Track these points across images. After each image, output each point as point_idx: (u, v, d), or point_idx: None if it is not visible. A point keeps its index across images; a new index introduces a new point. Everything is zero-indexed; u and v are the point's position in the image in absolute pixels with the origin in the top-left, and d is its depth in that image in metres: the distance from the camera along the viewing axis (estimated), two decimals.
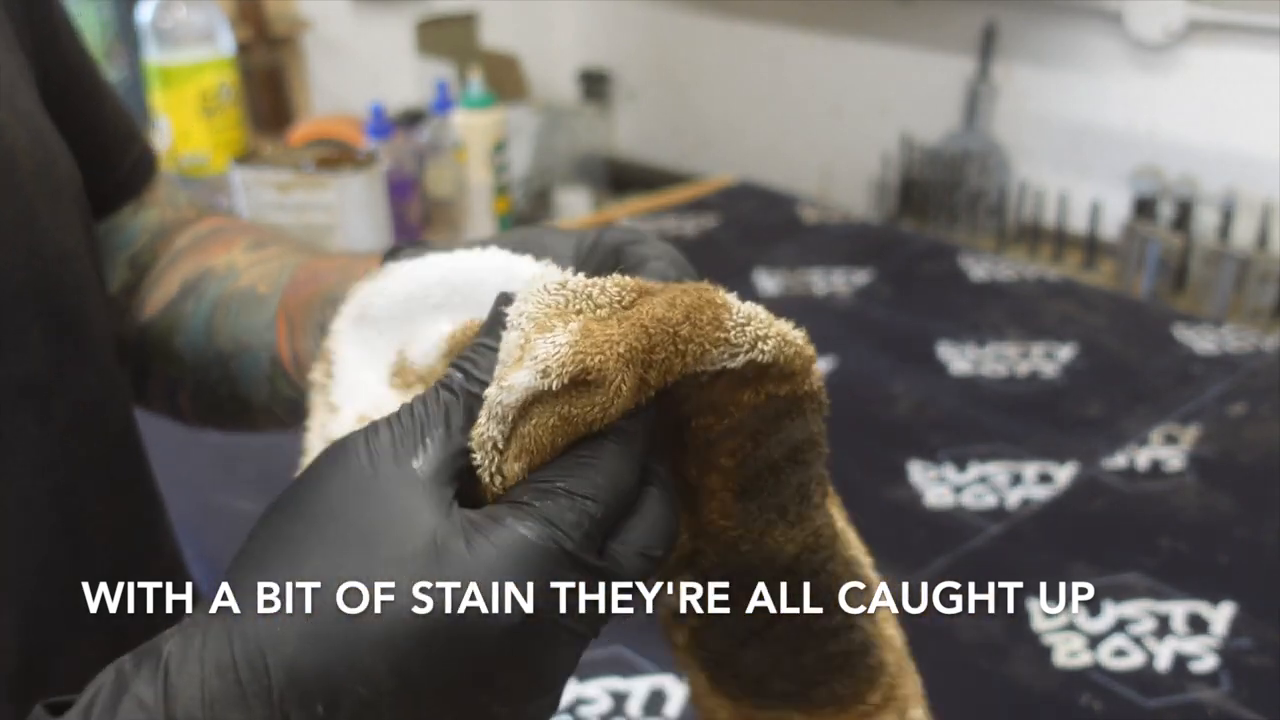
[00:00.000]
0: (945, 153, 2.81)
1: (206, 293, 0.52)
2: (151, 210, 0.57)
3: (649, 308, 0.30)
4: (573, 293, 0.30)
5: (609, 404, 0.29)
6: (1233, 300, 2.33)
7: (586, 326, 0.29)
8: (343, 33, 3.03)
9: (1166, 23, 2.40)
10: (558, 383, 0.28)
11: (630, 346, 0.29)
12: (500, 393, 0.29)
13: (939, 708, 0.73)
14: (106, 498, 0.46)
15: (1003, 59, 2.74)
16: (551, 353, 0.29)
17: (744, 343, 0.31)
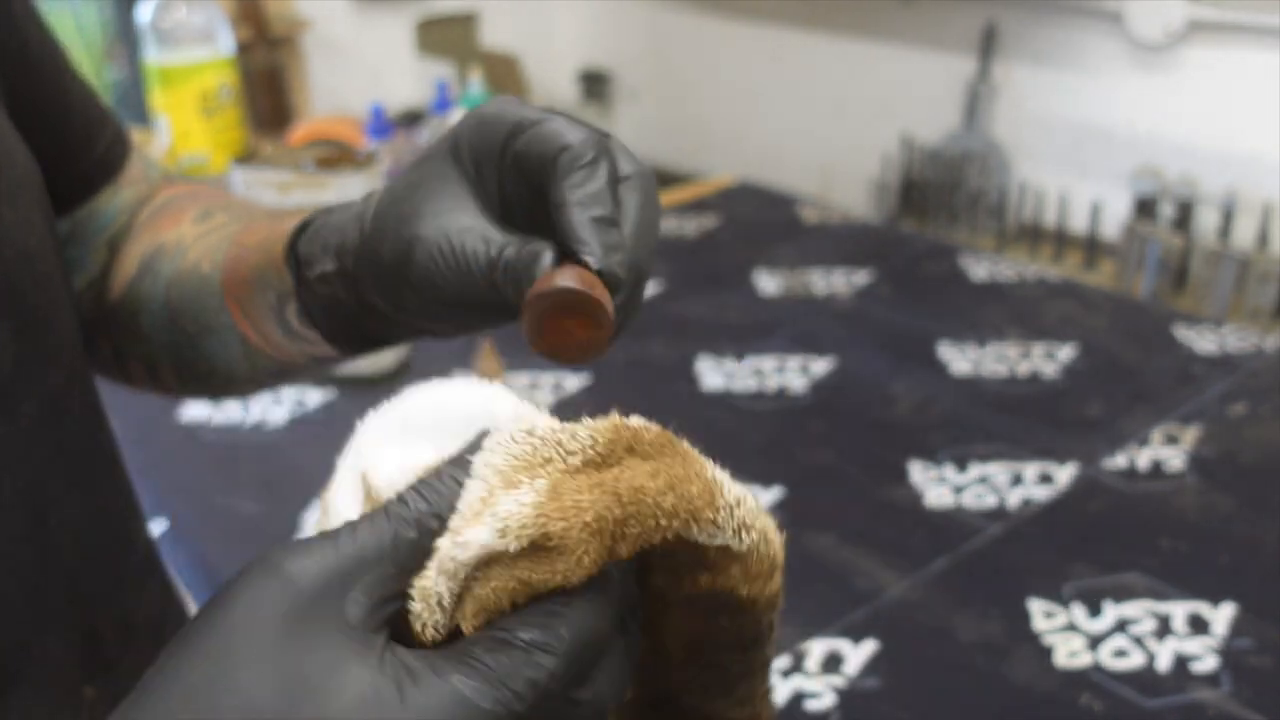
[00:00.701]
0: (945, 153, 2.81)
1: (161, 271, 0.52)
2: (127, 191, 0.57)
3: (629, 474, 0.28)
4: (541, 441, 0.28)
5: (570, 573, 0.27)
6: (1233, 300, 2.33)
7: (555, 486, 0.27)
8: (343, 33, 3.03)
9: (1166, 23, 2.40)
10: (516, 545, 0.27)
11: (599, 516, 0.27)
12: (454, 548, 0.27)
13: (939, 708, 0.73)
14: (75, 494, 0.46)
15: (1003, 59, 2.74)
16: (513, 512, 0.27)
17: (729, 527, 0.29)
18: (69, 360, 0.47)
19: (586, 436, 0.29)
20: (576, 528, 0.27)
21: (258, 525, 0.90)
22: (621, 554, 0.27)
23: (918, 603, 0.81)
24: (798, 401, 1.10)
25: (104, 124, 0.56)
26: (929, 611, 0.80)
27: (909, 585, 0.83)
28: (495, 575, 0.27)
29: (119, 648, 0.48)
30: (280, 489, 0.95)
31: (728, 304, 1.33)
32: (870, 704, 0.72)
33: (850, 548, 0.87)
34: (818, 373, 1.16)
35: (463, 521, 0.28)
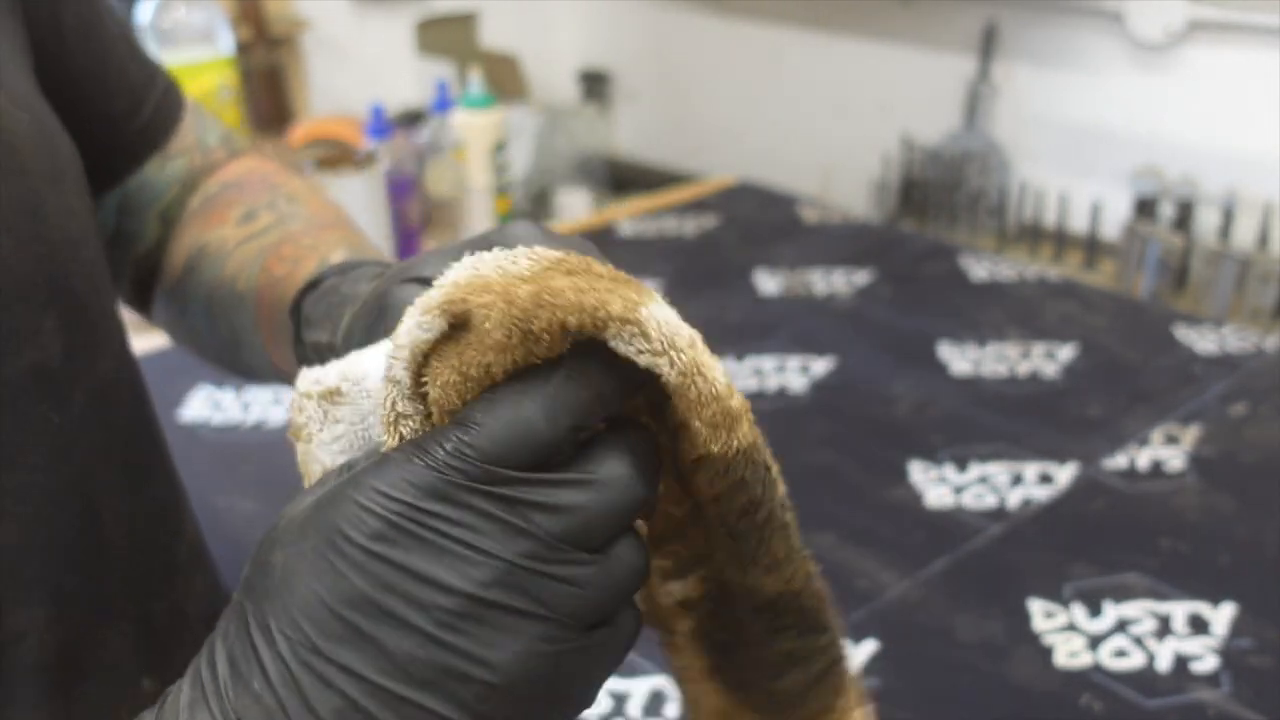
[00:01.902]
0: (945, 153, 2.81)
1: (203, 275, 0.53)
2: (179, 160, 0.57)
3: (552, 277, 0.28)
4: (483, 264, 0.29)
5: (485, 341, 0.27)
6: (1233, 300, 2.33)
7: (474, 277, 0.28)
8: (342, 33, 3.03)
9: (1166, 23, 2.40)
10: (430, 322, 0.28)
11: (507, 289, 0.28)
12: (389, 347, 0.29)
13: (939, 708, 0.73)
14: (125, 483, 0.46)
15: (1003, 59, 2.73)
16: (428, 297, 0.28)
17: (656, 340, 0.28)
18: (116, 349, 0.47)
19: (526, 263, 0.29)
20: (477, 292, 0.28)
21: (258, 525, 0.90)
22: (539, 337, 0.27)
23: (918, 603, 0.81)
24: (798, 401, 1.10)
25: (149, 89, 0.55)
26: (929, 611, 0.80)
27: (909, 585, 0.83)
28: (436, 372, 0.28)
29: (174, 638, 0.48)
30: (280, 489, 0.95)
31: (728, 304, 1.33)
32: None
33: (850, 548, 0.87)
34: (818, 373, 1.16)
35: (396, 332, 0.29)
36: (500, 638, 0.27)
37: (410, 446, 0.28)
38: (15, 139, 0.41)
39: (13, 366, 0.39)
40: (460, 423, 0.28)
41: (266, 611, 0.27)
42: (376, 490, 0.27)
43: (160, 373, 1.14)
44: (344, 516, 0.27)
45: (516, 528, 0.27)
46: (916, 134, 2.87)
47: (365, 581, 0.27)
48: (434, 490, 0.27)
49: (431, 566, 0.26)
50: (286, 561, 0.28)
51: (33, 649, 0.40)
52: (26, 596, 0.40)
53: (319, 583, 0.27)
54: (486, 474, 0.27)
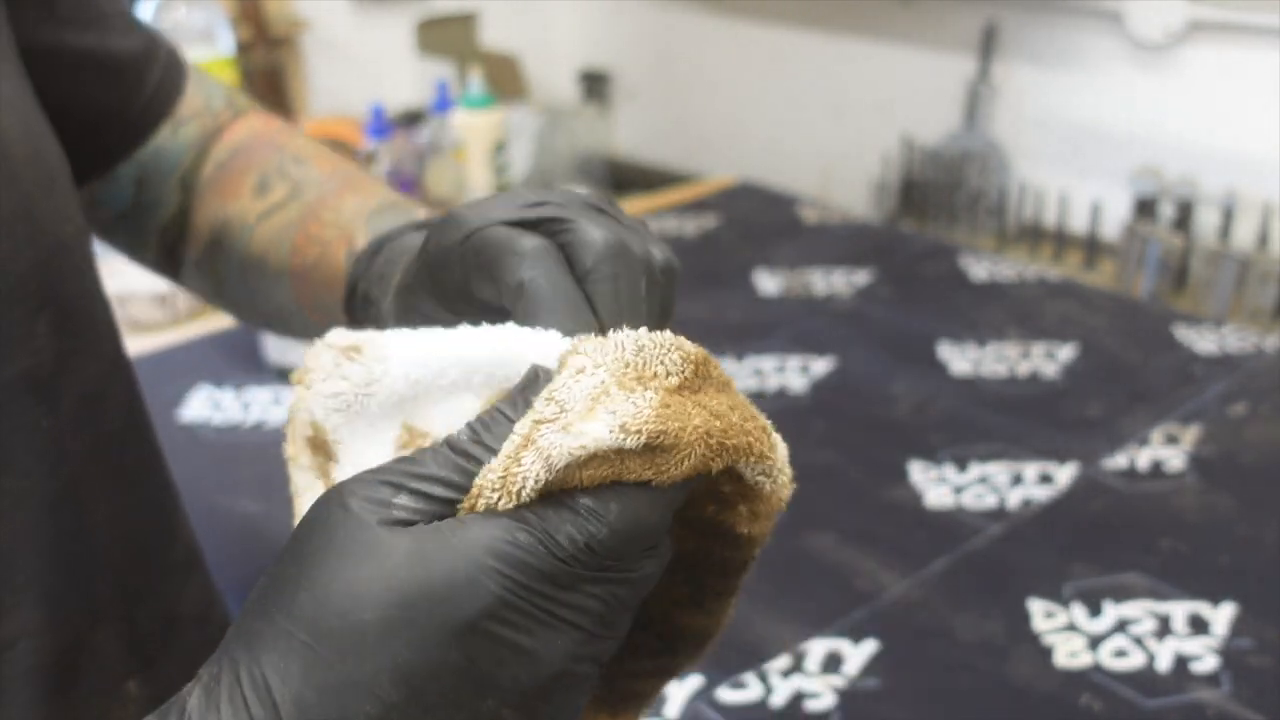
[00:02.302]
0: (945, 153, 2.81)
1: (232, 251, 0.53)
2: (190, 125, 0.57)
3: (715, 402, 0.30)
4: (650, 357, 0.30)
5: (668, 470, 0.29)
6: (1233, 300, 2.33)
7: (665, 397, 0.29)
8: (342, 33, 3.03)
9: (1166, 23, 2.40)
10: (634, 442, 0.28)
11: (707, 424, 0.29)
12: (565, 437, 0.28)
13: (939, 708, 0.73)
14: (117, 485, 0.46)
15: (1003, 59, 2.73)
16: (633, 412, 0.28)
17: (777, 471, 0.32)
18: (109, 353, 0.47)
19: (679, 361, 0.30)
20: (689, 430, 0.29)
21: (258, 525, 0.90)
22: (712, 470, 0.29)
23: (918, 603, 0.81)
24: (798, 401, 1.10)
25: (151, 59, 0.55)
26: (929, 611, 0.80)
27: (909, 585, 0.83)
28: (591, 466, 0.28)
29: (162, 642, 0.48)
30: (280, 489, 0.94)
31: (728, 304, 1.33)
32: (870, 704, 0.72)
33: (850, 548, 0.87)
34: (818, 373, 1.16)
35: (568, 415, 0.29)
36: (571, 698, 0.29)
37: (536, 528, 0.28)
38: (7, 144, 0.41)
39: (4, 371, 0.39)
40: (590, 513, 0.28)
41: (357, 669, 0.27)
42: (496, 570, 0.27)
43: (160, 373, 1.14)
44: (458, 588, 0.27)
45: (605, 602, 0.29)
46: (916, 134, 2.87)
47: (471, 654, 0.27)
48: (553, 578, 0.28)
49: (535, 643, 0.28)
50: (388, 624, 0.27)
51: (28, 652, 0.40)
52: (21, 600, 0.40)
53: (424, 652, 0.27)
54: (602, 565, 0.28)
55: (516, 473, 0.28)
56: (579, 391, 0.29)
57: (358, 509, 0.28)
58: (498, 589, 0.27)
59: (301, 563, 0.28)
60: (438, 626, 0.27)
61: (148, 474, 0.50)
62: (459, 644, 0.27)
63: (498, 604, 0.27)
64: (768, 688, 0.73)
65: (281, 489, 0.39)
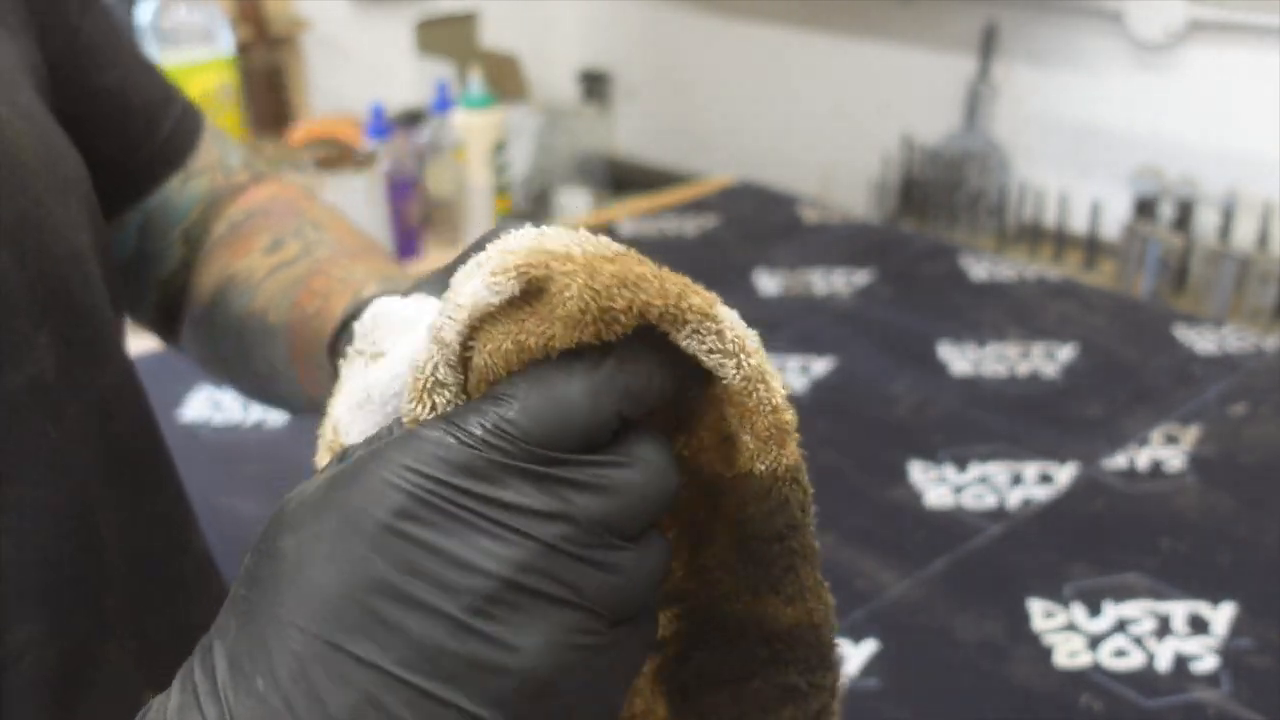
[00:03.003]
0: (945, 153, 2.81)
1: (232, 307, 0.52)
2: (201, 179, 0.56)
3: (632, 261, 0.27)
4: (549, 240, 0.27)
5: (555, 312, 0.25)
6: (1233, 300, 2.33)
7: (553, 245, 0.26)
8: (342, 33, 3.03)
9: (1166, 23, 2.40)
10: (509, 284, 0.25)
11: (592, 263, 0.26)
12: (445, 306, 0.26)
13: (939, 708, 0.73)
14: (127, 497, 0.45)
15: (1003, 59, 2.74)
16: (503, 258, 0.26)
17: (731, 342, 0.27)
18: (117, 362, 0.46)
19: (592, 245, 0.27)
20: (561, 260, 0.25)
21: (258, 525, 0.90)
22: (617, 316, 0.25)
23: (918, 603, 0.81)
24: (797, 401, 1.10)
25: (167, 107, 0.55)
26: (929, 611, 0.80)
27: (909, 585, 0.83)
28: (488, 338, 0.26)
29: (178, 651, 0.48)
30: (280, 489, 0.94)
31: (728, 304, 1.33)
32: (870, 704, 0.72)
33: (850, 548, 0.87)
34: (818, 373, 1.16)
35: (453, 290, 0.26)
36: (534, 624, 0.25)
37: (443, 421, 0.26)
38: (19, 150, 0.41)
39: (8, 380, 0.39)
40: (499, 397, 0.26)
41: (275, 602, 0.25)
42: (405, 466, 0.25)
43: (160, 373, 1.14)
44: (367, 494, 0.25)
45: (554, 509, 0.25)
46: (916, 134, 2.87)
47: (390, 564, 0.24)
48: (469, 468, 0.25)
49: (463, 548, 0.24)
50: (300, 546, 0.25)
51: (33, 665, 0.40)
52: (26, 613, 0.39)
53: (337, 567, 0.25)
54: (526, 453, 0.25)
55: (418, 366, 0.27)
56: (468, 268, 0.27)
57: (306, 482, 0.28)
58: (408, 486, 0.25)
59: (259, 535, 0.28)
60: (345, 536, 0.25)
61: (159, 486, 0.50)
62: (372, 553, 0.24)
63: (409, 501, 0.24)
64: None
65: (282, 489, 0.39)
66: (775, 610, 0.32)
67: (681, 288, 0.27)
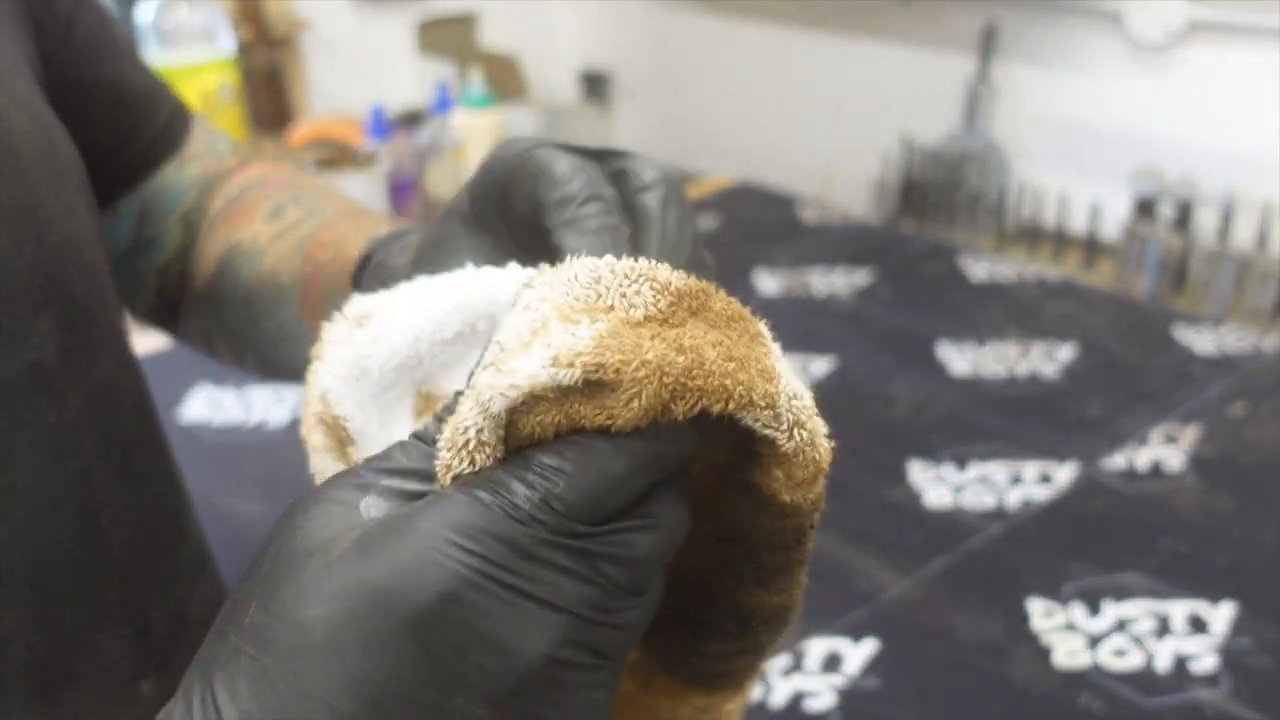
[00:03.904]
0: (945, 153, 2.81)
1: (240, 273, 0.52)
2: (194, 165, 0.57)
3: (691, 335, 0.26)
4: (606, 289, 0.26)
5: (619, 413, 0.25)
6: (1232, 301, 2.33)
7: (615, 329, 0.25)
8: (342, 33, 3.03)
9: (1166, 23, 2.40)
10: (569, 377, 0.24)
11: (661, 358, 0.25)
12: (496, 377, 0.25)
13: (939, 707, 0.73)
14: (125, 486, 0.46)
15: (1003, 59, 2.74)
16: (569, 343, 0.25)
17: (785, 420, 0.27)
18: (116, 350, 0.47)
19: (650, 293, 0.26)
20: (634, 364, 0.25)
21: (258, 525, 0.90)
22: (675, 414, 0.25)
23: (918, 603, 0.81)
24: None
25: (160, 100, 0.56)
26: (929, 611, 0.80)
27: (909, 585, 0.83)
28: (538, 411, 0.25)
29: (173, 643, 0.48)
30: (280, 489, 0.95)
31: None
32: (870, 704, 0.72)
33: (850, 548, 0.87)
34: (818, 373, 1.16)
35: (505, 354, 0.26)
36: (566, 695, 0.25)
37: (487, 488, 0.25)
38: (15, 139, 0.41)
39: (8, 366, 0.39)
40: (543, 467, 0.25)
41: (301, 676, 0.24)
42: (448, 541, 0.24)
43: (160, 373, 1.14)
44: (407, 571, 0.24)
45: (588, 579, 0.25)
46: (916, 134, 2.87)
47: (433, 648, 0.24)
48: (515, 545, 0.24)
49: (506, 630, 0.24)
50: (330, 620, 0.24)
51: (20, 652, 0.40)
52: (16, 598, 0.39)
53: (375, 650, 0.24)
54: (568, 529, 0.25)
55: (459, 425, 0.26)
56: (519, 328, 0.26)
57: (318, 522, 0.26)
58: (453, 565, 0.24)
59: (258, 576, 0.26)
60: (385, 616, 0.24)
61: (157, 475, 0.50)
62: (413, 635, 0.24)
63: (455, 582, 0.24)
64: (767, 687, 0.73)
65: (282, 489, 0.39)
66: (759, 599, 0.33)
67: (747, 381, 0.26)
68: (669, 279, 0.27)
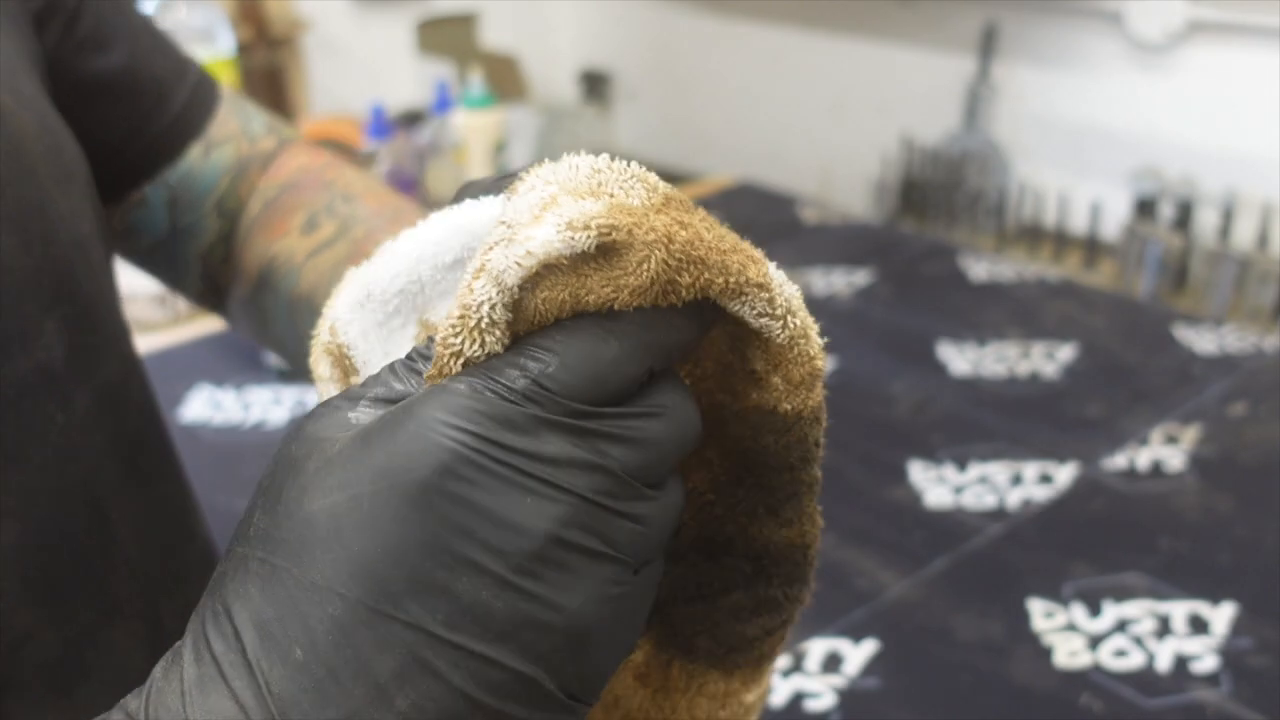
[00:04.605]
0: (945, 153, 2.81)
1: (279, 290, 0.52)
2: (224, 148, 0.56)
3: (683, 217, 0.27)
4: (606, 180, 0.27)
5: (625, 280, 0.25)
6: (1233, 300, 2.33)
7: (619, 203, 0.26)
8: (343, 33, 3.03)
9: (1166, 23, 2.40)
10: (585, 240, 0.25)
11: (669, 231, 0.26)
12: (512, 248, 0.25)
13: (939, 708, 0.73)
14: (134, 484, 0.46)
15: (1003, 59, 2.74)
16: (583, 210, 0.25)
17: (779, 304, 0.28)
18: (122, 350, 0.47)
19: (644, 191, 0.27)
20: (645, 228, 0.25)
21: None
22: (680, 289, 0.26)
23: (918, 603, 0.81)
24: None
25: (180, 79, 0.55)
26: (929, 611, 0.80)
27: (909, 585, 0.83)
28: (545, 286, 0.25)
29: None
30: None
31: None
32: (870, 704, 0.72)
33: (850, 548, 0.87)
34: None
35: (514, 229, 0.26)
36: (575, 581, 0.25)
37: (480, 375, 0.25)
38: (24, 140, 0.41)
39: (16, 366, 0.39)
40: (534, 350, 0.25)
41: (308, 567, 0.24)
42: (444, 422, 0.24)
43: (160, 373, 1.14)
44: (406, 453, 0.24)
45: (592, 463, 0.25)
46: (916, 134, 2.87)
47: (434, 526, 0.24)
48: (510, 422, 0.24)
49: (508, 506, 0.24)
50: (334, 508, 0.24)
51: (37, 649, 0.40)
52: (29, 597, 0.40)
53: (380, 531, 0.24)
54: (563, 407, 0.25)
55: (470, 303, 0.26)
56: (526, 205, 0.26)
57: (312, 428, 0.26)
58: (450, 443, 0.24)
59: (260, 489, 0.26)
60: (387, 496, 0.24)
61: (165, 473, 0.50)
62: (414, 513, 0.24)
63: (452, 459, 0.24)
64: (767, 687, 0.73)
65: None
66: (770, 531, 0.33)
67: (743, 261, 0.27)
68: (658, 183, 0.28)
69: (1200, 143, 2.44)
